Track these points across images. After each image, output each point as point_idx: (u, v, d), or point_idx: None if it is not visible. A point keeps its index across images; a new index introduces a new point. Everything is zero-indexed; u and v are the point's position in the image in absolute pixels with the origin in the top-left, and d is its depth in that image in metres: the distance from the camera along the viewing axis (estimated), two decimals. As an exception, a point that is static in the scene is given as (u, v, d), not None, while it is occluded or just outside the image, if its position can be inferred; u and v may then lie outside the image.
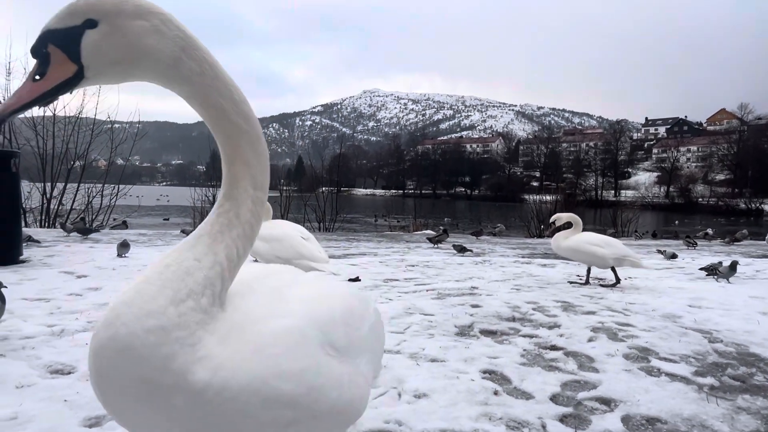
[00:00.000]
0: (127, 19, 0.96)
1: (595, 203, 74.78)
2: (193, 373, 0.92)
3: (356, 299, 1.35)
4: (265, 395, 0.97)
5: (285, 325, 1.04)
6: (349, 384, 1.14)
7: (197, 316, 0.97)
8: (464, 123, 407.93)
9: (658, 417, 2.22)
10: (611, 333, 3.65)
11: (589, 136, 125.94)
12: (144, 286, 0.97)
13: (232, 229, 1.07)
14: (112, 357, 0.92)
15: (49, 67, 0.93)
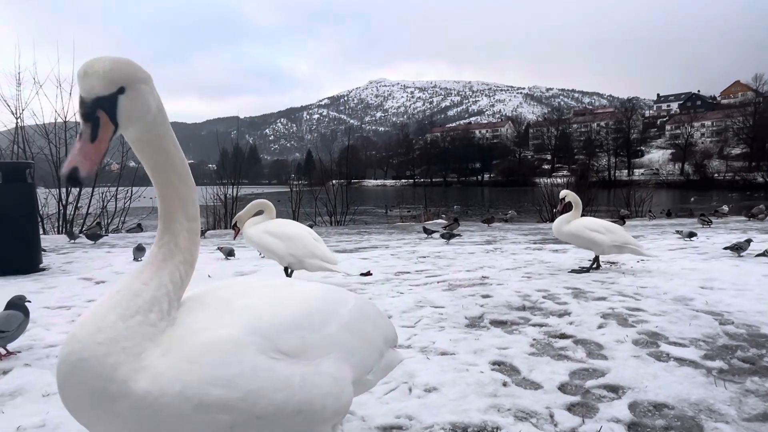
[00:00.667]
0: (141, 84, 1.15)
1: (608, 184, 73.90)
2: (135, 381, 1.05)
3: (321, 302, 1.41)
4: (197, 401, 1.08)
5: (219, 335, 1.16)
6: (302, 384, 1.22)
7: (145, 329, 1.10)
8: (472, 109, 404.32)
9: (666, 403, 2.25)
10: (621, 319, 3.67)
11: (599, 116, 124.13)
12: (97, 308, 1.12)
13: (174, 256, 1.23)
14: (69, 369, 1.06)
15: (100, 129, 1.07)
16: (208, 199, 17.39)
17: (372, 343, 1.53)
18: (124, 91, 1.12)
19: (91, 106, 1.07)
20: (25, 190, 6.38)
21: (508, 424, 2.06)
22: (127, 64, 1.14)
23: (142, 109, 1.17)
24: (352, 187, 74.14)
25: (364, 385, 1.57)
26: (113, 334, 1.07)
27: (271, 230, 4.86)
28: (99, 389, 1.04)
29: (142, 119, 1.18)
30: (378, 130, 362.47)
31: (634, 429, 2.03)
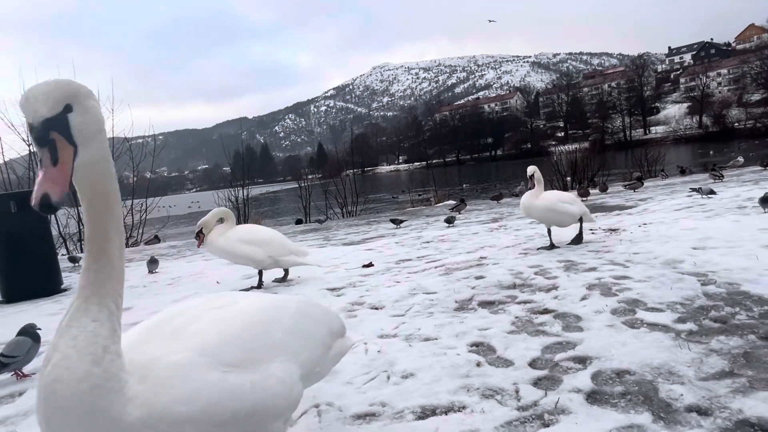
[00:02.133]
0: (88, 100, 1.18)
1: (624, 145, 72.46)
2: (127, 414, 1.17)
3: (262, 313, 1.55)
4: (170, 419, 1.22)
5: (176, 359, 1.30)
6: (252, 390, 1.36)
7: (117, 363, 1.20)
8: (479, 83, 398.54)
9: (628, 369, 2.35)
10: (606, 288, 3.75)
11: (610, 77, 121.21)
12: (65, 360, 1.16)
13: (110, 279, 1.27)
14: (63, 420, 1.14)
15: (59, 152, 1.07)
16: (220, 203, 17.72)
17: (316, 339, 1.67)
18: (72, 109, 1.12)
19: (41, 129, 1.06)
20: (38, 215, 6.67)
21: (473, 403, 2.19)
22: (67, 83, 1.14)
23: (95, 125, 1.17)
24: (366, 175, 74.04)
25: (315, 377, 1.72)
26: (95, 381, 1.13)
27: (244, 238, 4.98)
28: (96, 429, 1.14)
29: (97, 136, 1.19)
30: (386, 116, 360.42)
31: (593, 398, 2.14)
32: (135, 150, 16.65)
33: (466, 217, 11.52)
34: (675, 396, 2.06)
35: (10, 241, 6.42)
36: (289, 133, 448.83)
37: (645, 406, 2.02)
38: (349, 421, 2.16)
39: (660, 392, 2.11)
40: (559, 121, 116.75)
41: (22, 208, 6.52)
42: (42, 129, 1.07)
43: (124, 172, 17.90)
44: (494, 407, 2.14)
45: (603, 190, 13.95)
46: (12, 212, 6.46)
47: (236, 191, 18.00)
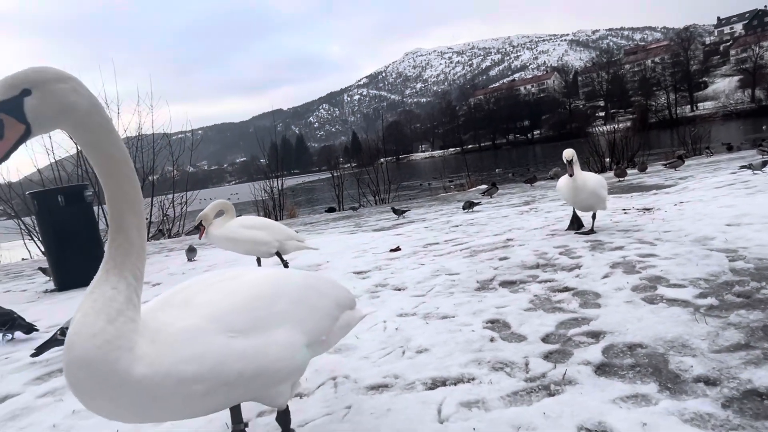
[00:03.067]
0: (52, 84, 1.29)
1: (669, 123, 69.27)
2: (134, 369, 1.30)
3: (268, 285, 1.66)
4: (177, 378, 1.34)
5: (185, 325, 1.42)
6: (256, 354, 1.48)
7: (129, 326, 1.34)
8: (515, 65, 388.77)
9: (641, 343, 2.35)
10: (629, 266, 3.70)
11: (653, 51, 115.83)
12: (83, 317, 1.32)
13: (130, 255, 1.41)
14: (77, 370, 1.29)
15: (5, 130, 1.23)
16: (256, 194, 18.19)
17: (322, 310, 1.77)
18: (29, 93, 1.24)
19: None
20: (84, 209, 7.09)
21: (482, 375, 2.25)
22: (32, 70, 1.25)
23: (58, 107, 1.28)
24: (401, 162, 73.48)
25: (322, 346, 1.82)
26: (107, 337, 1.27)
27: (245, 224, 5.07)
28: (105, 381, 1.29)
29: (64, 117, 1.30)
30: (420, 102, 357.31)
31: (602, 370, 2.16)
32: (175, 145, 17.25)
33: (497, 201, 11.42)
34: (685, 367, 2.05)
35: (60, 233, 6.85)
36: (323, 123, 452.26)
37: (653, 377, 2.03)
38: (363, 391, 2.26)
39: (670, 364, 2.11)
40: (599, 100, 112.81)
41: (70, 203, 6.94)
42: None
43: (165, 167, 18.61)
44: (502, 378, 2.19)
45: (642, 169, 13.50)
46: (61, 206, 6.88)
47: (272, 182, 18.41)
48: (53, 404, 2.56)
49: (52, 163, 14.75)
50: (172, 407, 1.39)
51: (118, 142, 1.41)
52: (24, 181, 15.49)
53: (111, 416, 1.40)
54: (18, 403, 2.62)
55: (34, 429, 2.29)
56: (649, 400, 1.85)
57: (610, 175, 14.08)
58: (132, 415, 1.39)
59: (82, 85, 1.36)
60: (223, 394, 1.45)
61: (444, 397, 2.08)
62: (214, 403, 1.47)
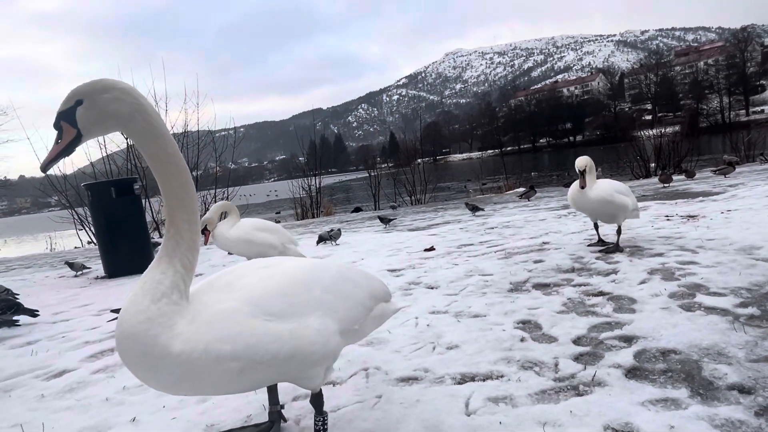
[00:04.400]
0: (98, 95, 1.48)
1: (721, 127, 66.14)
2: (172, 345, 1.44)
3: (303, 273, 1.75)
4: (214, 355, 1.46)
5: (224, 307, 1.54)
6: (291, 337, 1.57)
7: (171, 307, 1.49)
8: (558, 66, 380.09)
9: (675, 349, 2.32)
10: (668, 273, 3.62)
11: (706, 53, 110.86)
12: (133, 296, 1.49)
13: (180, 246, 1.57)
14: (124, 343, 1.46)
15: (63, 135, 1.47)
16: (295, 191, 18.55)
17: (355, 300, 1.85)
18: (81, 103, 1.45)
19: (56, 119, 1.47)
20: (133, 201, 7.47)
21: (511, 373, 2.29)
22: (85, 84, 1.48)
23: (100, 115, 1.47)
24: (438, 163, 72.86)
25: (355, 334, 1.90)
26: (150, 315, 1.43)
27: (258, 226, 5.05)
28: (147, 354, 1.44)
29: (107, 123, 1.49)
30: (459, 103, 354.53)
31: (632, 373, 2.16)
32: (218, 142, 17.80)
33: (535, 204, 11.27)
34: (719, 375, 2.03)
35: (110, 223, 7.24)
36: (361, 123, 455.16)
37: (685, 383, 2.01)
38: (393, 383, 2.33)
39: (704, 371, 2.08)
40: (646, 103, 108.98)
41: (121, 194, 7.32)
42: (56, 119, 1.48)
43: (209, 163, 19.23)
44: (531, 377, 2.22)
45: (690, 176, 12.99)
46: (112, 198, 7.27)
47: (310, 180, 18.73)
48: (105, 380, 2.76)
49: (104, 157, 15.50)
50: (211, 382, 1.51)
51: (165, 144, 1.55)
52: (77, 173, 16.37)
53: (156, 386, 1.54)
54: (74, 378, 2.83)
55: (89, 401, 2.48)
56: (678, 405, 1.85)
57: (655, 181, 13.63)
58: (174, 386, 1.52)
59: (129, 93, 1.52)
60: (259, 373, 1.56)
61: (472, 391, 2.13)
62: (250, 381, 1.58)
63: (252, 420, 2.10)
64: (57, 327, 4.19)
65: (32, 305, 5.45)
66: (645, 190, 11.33)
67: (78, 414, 2.34)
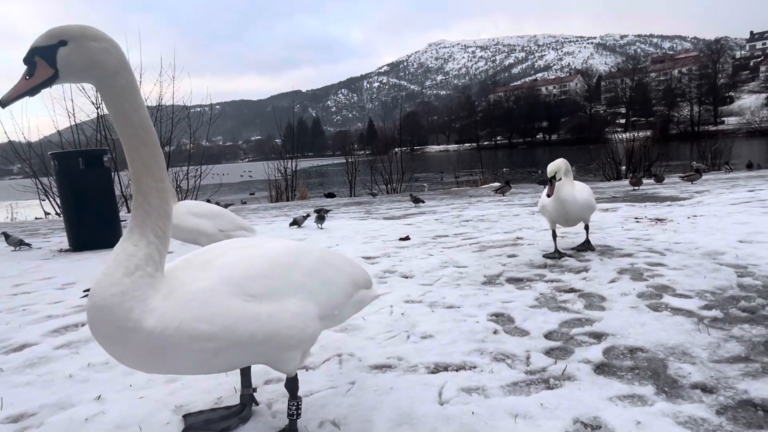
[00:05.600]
0: (87, 41, 1.42)
1: (690, 135, 68.24)
2: (145, 320, 1.40)
3: (285, 256, 1.72)
4: (189, 334, 1.43)
5: (201, 285, 1.50)
6: (269, 319, 1.54)
7: (145, 280, 1.44)
8: (538, 64, 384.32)
9: (642, 347, 2.39)
10: (637, 274, 3.73)
11: (681, 62, 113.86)
12: (106, 269, 1.45)
13: (150, 215, 1.51)
14: (95, 316, 1.41)
15: (36, 70, 1.37)
16: (270, 173, 18.30)
17: (336, 285, 1.83)
18: (65, 44, 1.38)
19: (29, 53, 1.37)
20: (102, 173, 7.22)
21: (484, 364, 2.31)
22: (74, 26, 1.41)
23: (87, 62, 1.41)
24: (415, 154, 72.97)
25: (334, 319, 1.88)
26: (123, 288, 1.39)
27: (193, 210, 4.52)
28: (119, 329, 1.40)
29: (89, 71, 1.42)
30: (439, 94, 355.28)
31: (601, 369, 2.21)
32: (193, 118, 17.34)
33: (509, 199, 11.42)
34: (683, 374, 2.10)
35: (77, 195, 6.98)
36: (341, 108, 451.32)
37: (651, 380, 2.07)
38: (367, 369, 2.33)
39: (669, 369, 2.15)
40: (621, 107, 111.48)
41: (90, 166, 7.06)
42: (29, 53, 1.38)
43: (182, 139, 18.74)
44: (503, 369, 2.25)
45: (659, 180, 13.39)
46: (81, 169, 7.00)
47: (286, 163, 18.50)
48: (69, 356, 2.67)
49: (72, 126, 14.92)
50: (184, 361, 1.48)
51: (138, 107, 1.49)
52: (43, 141, 15.72)
53: (127, 362, 1.49)
54: (35, 352, 2.73)
55: (51, 377, 2.40)
56: (645, 401, 1.91)
57: (625, 183, 13.99)
58: (145, 363, 1.48)
59: (117, 48, 1.46)
60: (235, 353, 1.53)
61: (445, 381, 2.15)
62: (226, 362, 1.55)
63: (223, 402, 2.07)
64: (17, 299, 4.03)
65: (-9, 276, 5.24)
66: (615, 192, 11.62)
67: (39, 390, 2.26)
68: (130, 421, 1.93)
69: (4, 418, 2.02)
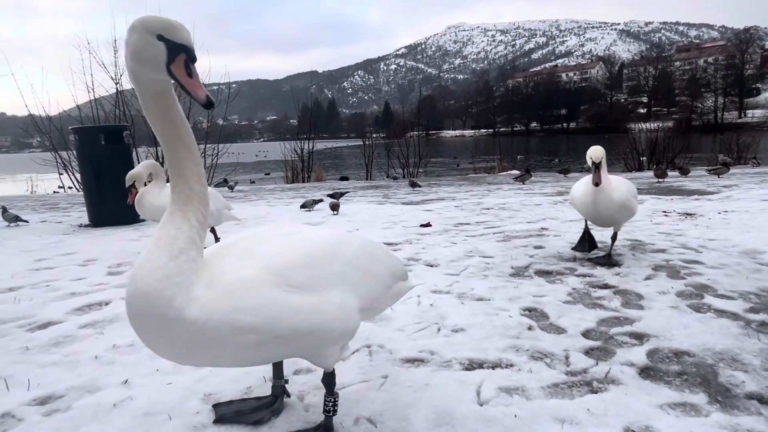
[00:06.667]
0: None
1: (713, 127, 66.60)
2: (188, 309, 1.31)
3: (326, 244, 1.63)
4: (231, 325, 1.34)
5: (243, 274, 1.41)
6: (312, 311, 1.46)
7: (189, 265, 1.36)
8: (559, 50, 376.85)
9: (688, 351, 2.28)
10: (673, 271, 3.58)
11: (707, 51, 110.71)
12: (149, 253, 1.36)
13: (191, 200, 1.43)
14: (136, 302, 1.32)
15: (193, 68, 1.30)
16: (286, 154, 18.21)
17: (376, 276, 1.74)
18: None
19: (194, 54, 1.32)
20: (122, 149, 7.19)
21: (521, 362, 2.22)
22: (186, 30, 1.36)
23: None
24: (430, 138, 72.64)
25: (372, 312, 1.80)
26: (167, 272, 1.32)
27: None
28: (160, 316, 1.31)
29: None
30: (457, 78, 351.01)
31: (646, 373, 2.10)
32: (212, 95, 17.26)
33: (529, 188, 11.22)
34: (736, 382, 1.98)
35: (97, 170, 6.98)
36: (356, 90, 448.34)
37: (701, 387, 1.96)
38: (398, 363, 2.25)
39: (720, 377, 2.04)
40: (642, 96, 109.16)
41: (110, 142, 7.03)
42: (194, 54, 1.32)
43: (198, 117, 18.69)
44: (542, 369, 2.15)
45: (684, 173, 13.04)
46: (101, 144, 6.98)
47: (302, 144, 18.38)
48: (94, 336, 2.63)
49: (91, 101, 14.94)
50: (224, 353, 1.39)
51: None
52: (62, 115, 15.79)
53: (164, 354, 1.41)
54: (60, 331, 2.70)
55: (77, 357, 2.36)
56: (698, 411, 1.80)
57: (649, 175, 13.66)
58: (183, 356, 1.40)
59: None
60: (275, 347, 1.45)
61: (482, 379, 2.06)
62: (266, 355, 1.47)
63: (253, 392, 2.01)
64: (40, 274, 4.03)
65: (13, 249, 5.26)
66: (639, 184, 11.35)
67: (65, 371, 2.22)
68: (159, 408, 1.88)
69: (32, 399, 1.98)
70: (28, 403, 1.96)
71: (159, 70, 1.30)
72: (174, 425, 1.77)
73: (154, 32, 1.29)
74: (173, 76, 1.29)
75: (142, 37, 1.29)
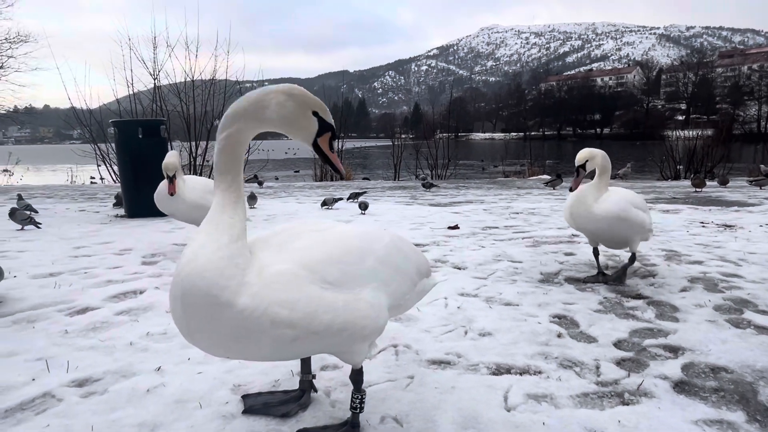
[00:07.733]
0: None
1: (755, 137, 64.01)
2: (240, 295, 1.33)
3: (358, 240, 1.64)
4: (272, 318, 1.35)
5: (282, 269, 1.42)
6: (345, 308, 1.47)
7: (245, 251, 1.40)
8: (595, 54, 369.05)
9: (726, 367, 2.20)
10: (711, 284, 3.47)
11: (752, 57, 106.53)
12: (208, 236, 1.39)
13: (240, 198, 1.49)
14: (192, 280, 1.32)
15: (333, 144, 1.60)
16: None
17: (405, 273, 1.74)
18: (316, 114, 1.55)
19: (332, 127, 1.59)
20: (159, 143, 7.39)
21: (550, 370, 2.19)
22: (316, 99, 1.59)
23: None
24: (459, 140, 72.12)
25: (399, 309, 1.80)
26: (229, 252, 1.35)
27: (208, 188, 4.44)
28: (214, 297, 1.30)
29: None
30: (488, 81, 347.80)
31: (681, 387, 2.04)
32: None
33: (560, 193, 11.03)
34: (777, 402, 1.90)
35: (135, 163, 7.19)
36: (387, 90, 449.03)
37: (740, 405, 1.89)
38: (425, 364, 2.25)
39: (760, 395, 1.96)
40: (681, 102, 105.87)
41: (148, 135, 7.24)
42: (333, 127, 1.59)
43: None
44: (571, 377, 2.12)
45: (723, 183, 12.59)
46: (139, 138, 7.19)
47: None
48: (129, 323, 2.71)
49: (130, 95, 15.39)
50: (260, 347, 1.41)
51: None
52: (102, 108, 16.31)
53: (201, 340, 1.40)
54: (98, 316, 2.80)
55: (113, 343, 2.44)
56: (736, 429, 1.73)
57: (686, 184, 13.25)
58: (222, 346, 1.40)
59: None
60: (309, 342, 1.45)
61: (510, 384, 2.04)
62: (300, 350, 1.48)
63: (280, 385, 2.03)
64: (79, 261, 4.18)
65: (54, 236, 5.47)
66: (675, 193, 11.02)
67: (103, 355, 2.30)
68: (190, 396, 1.93)
69: (71, 381, 2.05)
70: (68, 384, 2.03)
71: (305, 139, 1.53)
72: (204, 413, 1.81)
73: (311, 108, 1.51)
74: (317, 147, 1.53)
75: (298, 107, 1.50)
